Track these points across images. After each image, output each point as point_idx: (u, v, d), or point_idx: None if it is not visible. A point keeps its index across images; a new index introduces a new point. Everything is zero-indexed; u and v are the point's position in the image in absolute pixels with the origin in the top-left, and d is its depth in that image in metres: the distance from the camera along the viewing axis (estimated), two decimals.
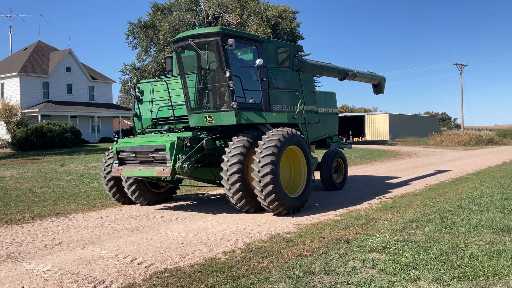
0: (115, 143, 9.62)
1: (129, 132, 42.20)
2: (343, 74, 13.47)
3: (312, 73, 12.53)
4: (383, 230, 6.98)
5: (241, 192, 8.52)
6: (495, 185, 11.76)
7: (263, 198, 8.35)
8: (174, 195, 11.25)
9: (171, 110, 9.90)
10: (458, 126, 70.33)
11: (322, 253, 5.85)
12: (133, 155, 9.09)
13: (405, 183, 13.60)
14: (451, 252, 5.62)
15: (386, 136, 53.32)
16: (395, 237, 6.45)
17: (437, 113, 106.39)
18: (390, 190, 11.95)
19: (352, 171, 17.60)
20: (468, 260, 5.26)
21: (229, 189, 8.53)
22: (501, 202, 9.12)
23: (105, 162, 10.39)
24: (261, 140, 8.62)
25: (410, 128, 58.84)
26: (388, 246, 5.96)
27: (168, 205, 10.47)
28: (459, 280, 4.68)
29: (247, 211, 8.88)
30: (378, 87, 15.82)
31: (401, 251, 5.71)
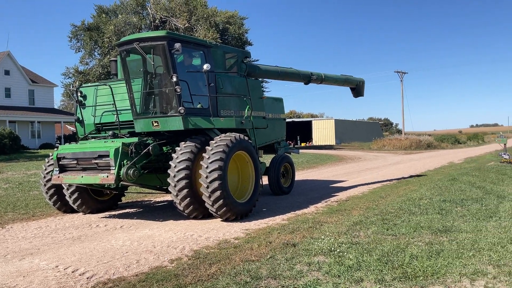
0: (56, 149, 9.24)
1: (71, 138, 40.58)
2: (306, 79, 13.48)
3: (267, 78, 12.61)
4: (328, 233, 7.13)
5: (188, 198, 8.42)
6: (434, 188, 12.33)
7: (211, 204, 8.30)
8: (119, 202, 10.94)
9: (115, 115, 9.64)
10: (399, 131, 73.33)
11: (270, 257, 5.89)
12: (75, 162, 8.76)
13: (350, 186, 13.98)
14: (393, 253, 5.83)
15: (332, 141, 54.64)
16: (340, 240, 6.61)
17: (379, 119, 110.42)
18: (336, 194, 12.24)
19: (300, 175, 17.88)
20: (408, 260, 5.47)
21: (177, 195, 8.41)
22: (439, 204, 9.58)
23: (45, 170, 9.94)
24: (209, 146, 8.57)
25: (354, 133, 60.67)
26: (333, 248, 6.09)
27: (113, 213, 10.16)
28: (400, 280, 4.85)
29: (195, 218, 8.79)
30: (356, 91, 15.50)
31: (345, 253, 5.85)
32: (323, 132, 56.64)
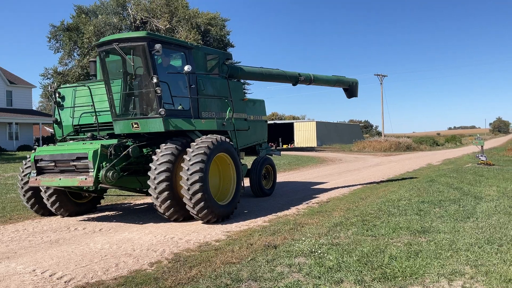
0: (33, 151, 9.07)
1: (50, 140, 39.90)
2: (293, 80, 13.40)
3: (251, 80, 12.57)
4: (309, 234, 7.15)
5: (169, 201, 8.36)
6: (413, 189, 12.50)
7: (192, 206, 8.25)
8: (98, 205, 10.79)
9: (94, 117, 9.52)
10: (379, 134, 74.20)
11: (250, 259, 5.88)
12: (53, 164, 8.62)
13: (330, 188, 14.07)
14: (372, 253, 5.88)
15: (313, 143, 54.92)
16: (321, 241, 6.64)
17: (360, 121, 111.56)
18: (317, 195, 12.30)
19: (281, 177, 17.92)
20: (387, 261, 5.53)
21: (157, 197, 8.33)
22: (418, 205, 9.71)
23: (22, 172, 9.74)
24: (190, 148, 8.52)
25: (336, 135, 61.12)
26: (313, 250, 6.11)
27: (92, 216, 10.02)
28: (379, 281, 4.90)
29: (175, 220, 8.73)
30: (350, 91, 15.29)
31: (325, 255, 5.88)
32: (304, 134, 56.90)
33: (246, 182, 11.32)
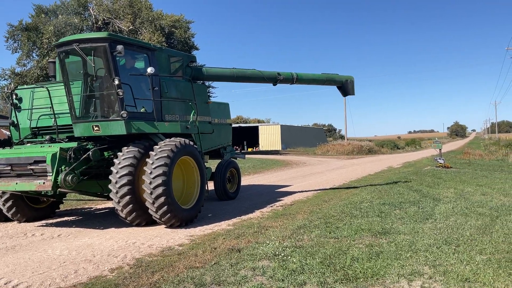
0: None
1: (6, 143, 38.39)
2: (271, 80, 12.80)
3: (220, 81, 12.32)
4: (273, 237, 7.17)
5: (131, 205, 8.20)
6: (374, 191, 12.76)
7: (154, 210, 8.12)
8: (57, 210, 10.47)
9: (53, 119, 9.24)
10: (342, 137, 75.45)
11: (214, 263, 5.83)
12: (9, 168, 8.30)
13: (295, 191, 14.18)
14: (335, 255, 5.96)
15: (278, 146, 55.25)
16: (284, 244, 6.67)
17: (324, 125, 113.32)
18: (281, 198, 12.37)
19: (246, 180, 17.93)
20: (349, 262, 5.61)
21: (118, 202, 8.16)
22: (379, 207, 9.91)
23: None
24: (152, 151, 8.40)
25: (300, 139, 61.71)
26: (277, 253, 6.13)
27: (50, 221, 9.70)
28: (342, 283, 4.96)
29: (138, 225, 8.57)
30: (344, 89, 14.37)
31: (289, 257, 5.91)
32: (269, 138, 57.16)
33: (211, 185, 11.26)
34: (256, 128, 59.49)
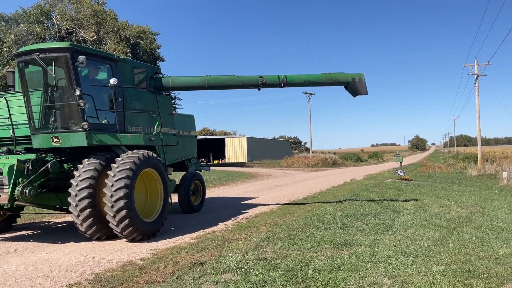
0: None
1: None
2: (253, 85, 11.90)
3: (192, 90, 11.84)
4: (236, 250, 7.15)
5: (91, 219, 8.01)
6: (337, 204, 12.95)
7: (116, 224, 7.96)
8: (14, 224, 10.09)
9: (11, 130, 8.96)
10: (307, 150, 76.31)
11: (176, 278, 5.76)
12: None
13: (259, 203, 14.21)
14: (297, 267, 5.99)
15: (244, 159, 55.31)
16: (247, 256, 6.66)
17: (289, 137, 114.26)
18: (246, 211, 12.36)
19: (211, 193, 17.83)
20: (311, 274, 5.66)
21: (78, 215, 7.96)
22: (342, 219, 10.06)
23: None
24: (114, 163, 8.25)
25: (266, 151, 62.04)
26: (240, 265, 6.12)
27: (6, 235, 9.33)
28: None
29: (98, 239, 8.36)
30: (352, 89, 12.65)
31: (252, 270, 5.91)
32: (235, 150, 57.17)
33: (175, 198, 11.14)
34: (222, 140, 59.44)
